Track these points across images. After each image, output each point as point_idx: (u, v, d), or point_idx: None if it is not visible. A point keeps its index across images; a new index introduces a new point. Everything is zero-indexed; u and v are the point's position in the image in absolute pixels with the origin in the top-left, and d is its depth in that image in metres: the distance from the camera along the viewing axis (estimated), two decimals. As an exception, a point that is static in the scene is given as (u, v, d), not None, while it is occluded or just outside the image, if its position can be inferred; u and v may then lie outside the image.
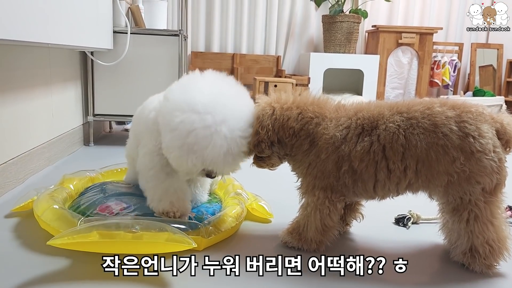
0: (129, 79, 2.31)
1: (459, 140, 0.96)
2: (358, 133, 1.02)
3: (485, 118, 0.99)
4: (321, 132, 1.03)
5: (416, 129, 0.98)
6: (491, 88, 4.48)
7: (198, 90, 1.06)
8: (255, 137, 1.07)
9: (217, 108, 1.02)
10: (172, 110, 1.04)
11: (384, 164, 1.00)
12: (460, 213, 1.00)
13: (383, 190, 1.03)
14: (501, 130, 0.99)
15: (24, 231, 1.15)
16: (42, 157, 1.75)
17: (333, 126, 1.03)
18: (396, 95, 4.39)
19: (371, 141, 1.00)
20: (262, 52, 4.54)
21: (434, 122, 0.98)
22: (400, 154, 0.99)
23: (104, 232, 0.95)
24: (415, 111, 1.00)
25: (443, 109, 0.99)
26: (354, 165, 1.01)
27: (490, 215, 0.99)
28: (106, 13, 2.08)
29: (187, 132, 1.01)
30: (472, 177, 0.97)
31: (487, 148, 0.96)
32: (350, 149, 1.01)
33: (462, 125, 0.97)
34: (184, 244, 0.94)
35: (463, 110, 0.99)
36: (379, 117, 1.02)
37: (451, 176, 0.97)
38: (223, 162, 1.05)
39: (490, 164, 0.96)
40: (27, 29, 1.24)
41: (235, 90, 1.12)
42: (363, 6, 4.40)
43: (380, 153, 1.00)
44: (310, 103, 1.07)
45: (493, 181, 0.97)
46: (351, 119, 1.04)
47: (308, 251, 1.09)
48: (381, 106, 1.05)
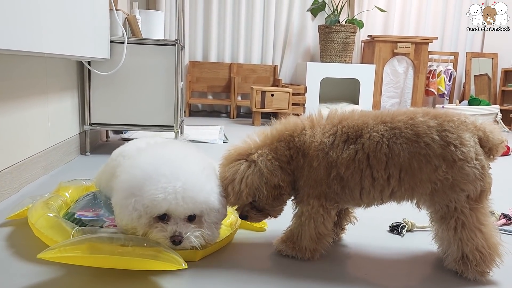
0: (126, 89, 2.32)
1: (440, 149, 0.98)
2: (344, 140, 1.03)
3: (467, 127, 1.00)
4: (309, 141, 1.05)
5: (399, 139, 1.00)
6: (486, 97, 4.51)
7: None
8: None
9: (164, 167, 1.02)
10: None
11: (369, 172, 1.01)
12: (447, 221, 1.01)
13: (368, 197, 1.04)
14: (483, 138, 1.00)
15: (18, 240, 1.15)
16: (37, 166, 1.75)
17: (320, 133, 1.05)
18: (392, 104, 4.41)
19: (356, 149, 1.02)
20: (259, 61, 4.57)
21: (416, 132, 0.99)
22: (384, 163, 1.00)
23: (95, 245, 0.93)
24: (399, 121, 1.02)
25: (426, 119, 1.01)
26: (341, 171, 1.02)
27: (477, 222, 1.00)
28: (103, 23, 2.09)
29: (127, 181, 1.02)
30: (456, 185, 0.98)
31: (469, 156, 0.97)
32: (337, 155, 1.02)
33: (443, 134, 0.98)
34: (174, 264, 0.92)
35: (445, 119, 1.00)
36: (363, 126, 1.03)
37: (435, 184, 0.99)
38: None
39: (473, 172, 0.97)
40: (22, 39, 1.25)
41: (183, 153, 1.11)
42: (359, 16, 4.45)
43: (365, 162, 1.01)
44: (277, 130, 1.09)
45: (477, 188, 0.98)
46: (336, 127, 1.05)
47: (302, 260, 1.09)
48: (365, 115, 1.06)
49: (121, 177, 1.06)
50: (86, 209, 1.26)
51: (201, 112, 4.66)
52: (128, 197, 0.99)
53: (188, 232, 1.00)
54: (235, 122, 4.03)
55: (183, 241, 0.99)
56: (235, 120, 4.19)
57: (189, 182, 1.00)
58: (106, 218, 1.20)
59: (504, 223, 1.41)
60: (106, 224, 1.17)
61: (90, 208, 1.27)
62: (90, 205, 1.28)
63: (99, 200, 1.32)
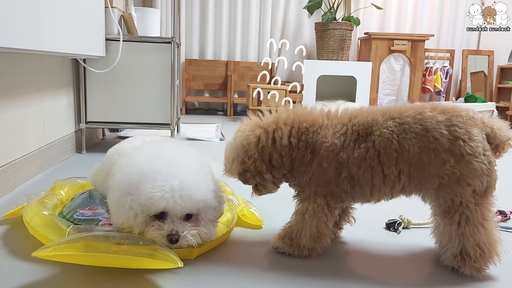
0: (122, 87, 2.31)
1: (449, 143, 0.97)
2: (354, 139, 1.03)
3: (475, 122, 1.00)
4: (321, 140, 1.04)
5: (409, 134, 1.00)
6: (482, 94, 4.52)
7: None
8: (240, 166, 1.07)
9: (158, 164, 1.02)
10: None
11: (380, 169, 1.01)
12: (451, 215, 1.01)
13: (378, 194, 1.04)
14: (491, 135, 1.00)
15: (13, 239, 1.14)
16: (33, 164, 1.74)
17: (331, 133, 1.04)
18: (389, 101, 4.41)
19: (367, 147, 1.01)
20: (255, 59, 4.56)
21: (425, 127, 0.99)
22: (394, 159, 1.00)
23: (90, 243, 0.93)
24: (407, 116, 1.02)
25: (434, 114, 1.01)
26: (352, 171, 1.02)
27: (481, 217, 1.00)
28: (98, 21, 2.08)
29: (123, 179, 1.01)
30: (463, 179, 0.98)
31: (477, 151, 0.97)
32: (348, 156, 1.02)
33: (452, 128, 0.98)
34: (169, 263, 0.91)
35: (453, 114, 1.00)
36: (373, 123, 1.03)
37: (442, 179, 0.99)
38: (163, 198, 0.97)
39: (480, 167, 0.97)
40: (17, 36, 1.24)
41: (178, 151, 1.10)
42: (356, 14, 4.44)
43: (376, 159, 1.01)
44: (298, 115, 1.08)
45: (484, 183, 0.98)
46: (346, 126, 1.05)
47: (299, 258, 1.09)
48: (374, 112, 1.06)
49: (117, 175, 1.05)
50: (88, 208, 1.25)
51: (198, 110, 4.65)
52: (124, 196, 0.99)
53: (185, 231, 1.00)
54: (232, 120, 4.03)
55: (180, 240, 0.99)
56: (232, 118, 4.18)
57: (186, 180, 0.99)
58: (101, 217, 1.20)
59: (500, 219, 1.42)
60: (102, 223, 1.16)
61: (89, 206, 1.26)
62: (88, 204, 1.28)
63: (95, 198, 1.31)
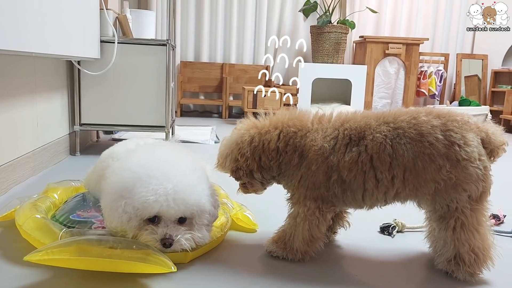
0: (116, 89, 2.30)
1: (445, 149, 0.97)
2: (345, 143, 1.02)
3: (471, 127, 1.00)
4: (310, 144, 1.04)
5: (403, 139, 0.99)
6: (476, 98, 4.55)
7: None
8: (234, 163, 1.08)
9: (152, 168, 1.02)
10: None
11: (372, 174, 1.01)
12: (447, 221, 1.01)
13: (371, 199, 1.04)
14: (486, 140, 1.00)
15: (5, 242, 1.13)
16: (26, 167, 1.73)
17: (321, 137, 1.04)
18: (384, 105, 4.43)
19: (359, 151, 1.01)
20: (251, 62, 4.56)
21: (420, 132, 0.99)
22: (388, 163, 1.00)
23: (83, 247, 0.92)
24: (402, 121, 1.01)
25: (429, 118, 1.00)
26: (343, 175, 1.02)
27: (476, 222, 1.00)
28: (93, 23, 2.07)
29: (117, 183, 1.01)
30: (459, 185, 0.98)
31: (472, 156, 0.97)
32: (339, 159, 1.01)
33: (447, 133, 0.98)
34: (163, 267, 0.91)
35: (448, 119, 1.00)
36: (366, 128, 1.03)
37: (438, 184, 0.99)
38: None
39: (476, 172, 0.97)
40: (8, 38, 1.23)
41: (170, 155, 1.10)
42: (351, 17, 4.46)
43: (368, 163, 1.00)
44: (288, 119, 1.09)
45: (479, 188, 0.98)
46: (338, 130, 1.05)
47: (293, 261, 1.09)
48: (367, 116, 1.06)
49: (110, 179, 1.04)
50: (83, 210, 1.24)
51: (193, 113, 4.64)
52: (117, 200, 0.98)
53: (178, 235, 0.99)
54: (227, 122, 4.02)
55: (174, 244, 0.99)
56: (227, 121, 4.18)
57: (180, 184, 0.99)
58: (95, 219, 1.19)
59: (494, 223, 1.43)
60: (95, 226, 1.16)
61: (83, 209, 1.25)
62: (82, 207, 1.27)
63: (88, 202, 1.30)
